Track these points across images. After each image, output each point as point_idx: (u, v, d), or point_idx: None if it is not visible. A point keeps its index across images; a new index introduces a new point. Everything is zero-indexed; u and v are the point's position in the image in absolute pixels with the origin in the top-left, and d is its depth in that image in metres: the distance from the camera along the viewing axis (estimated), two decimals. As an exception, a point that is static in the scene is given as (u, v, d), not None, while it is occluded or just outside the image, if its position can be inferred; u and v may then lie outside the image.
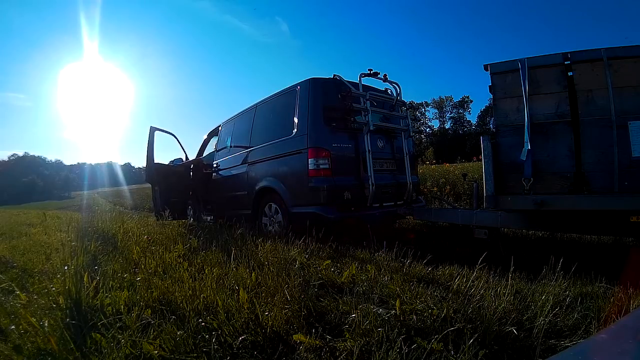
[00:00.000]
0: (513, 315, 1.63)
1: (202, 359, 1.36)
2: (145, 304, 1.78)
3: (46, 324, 1.49)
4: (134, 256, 2.71)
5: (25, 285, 2.18)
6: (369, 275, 2.25)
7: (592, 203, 2.61)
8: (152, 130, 5.62)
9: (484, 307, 1.67)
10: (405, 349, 1.35)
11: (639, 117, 2.53)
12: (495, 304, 1.70)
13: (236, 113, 5.19)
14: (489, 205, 2.91)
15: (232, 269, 2.29)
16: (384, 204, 3.78)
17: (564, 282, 2.06)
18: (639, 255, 2.57)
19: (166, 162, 6.12)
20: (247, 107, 4.86)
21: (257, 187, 4.16)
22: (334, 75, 3.80)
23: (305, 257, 2.75)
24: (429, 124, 67.32)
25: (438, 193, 6.95)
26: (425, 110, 67.49)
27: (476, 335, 1.45)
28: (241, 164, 4.59)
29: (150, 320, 1.58)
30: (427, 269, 2.45)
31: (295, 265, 2.43)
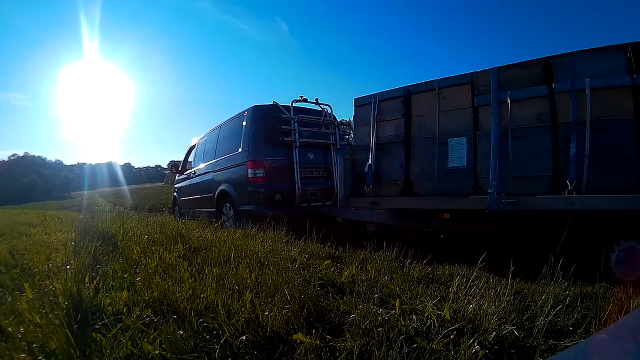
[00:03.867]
0: (513, 315, 1.63)
1: (202, 359, 1.37)
2: (145, 303, 1.78)
3: (47, 324, 1.49)
4: (134, 256, 2.71)
5: (25, 285, 2.18)
6: (369, 275, 2.26)
7: (413, 203, 3.45)
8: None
9: (484, 307, 1.68)
10: (405, 349, 1.35)
11: (456, 135, 3.16)
12: (495, 304, 1.70)
13: (208, 130, 6.23)
14: (342, 204, 3.91)
15: (232, 269, 2.29)
16: (312, 204, 4.59)
17: (564, 282, 2.06)
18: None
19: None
20: (215, 126, 5.95)
21: (217, 191, 5.20)
22: (274, 102, 4.85)
23: (305, 257, 2.75)
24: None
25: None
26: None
27: (476, 335, 1.45)
28: (209, 171, 5.63)
29: (151, 319, 1.59)
30: (427, 269, 2.46)
31: (295, 265, 2.43)
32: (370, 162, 3.57)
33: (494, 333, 1.47)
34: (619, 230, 2.48)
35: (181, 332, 1.47)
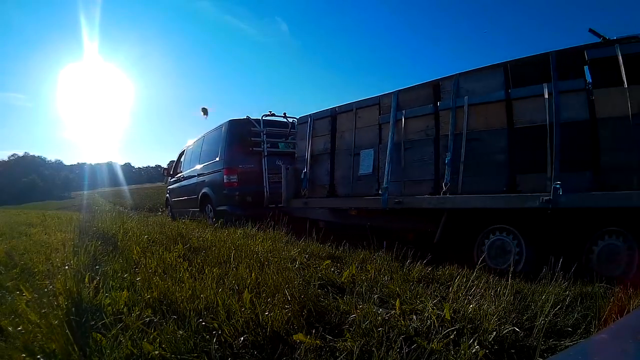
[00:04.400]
0: (513, 315, 1.63)
1: (202, 359, 1.37)
2: (145, 303, 1.78)
3: (46, 324, 1.49)
4: (134, 256, 2.71)
5: (25, 285, 2.18)
6: (369, 275, 2.26)
7: (334, 203, 4.22)
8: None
9: (484, 307, 1.68)
10: (405, 349, 1.35)
11: (366, 148, 3.85)
12: (495, 304, 1.70)
13: (195, 139, 6.96)
14: (285, 204, 4.70)
15: (232, 269, 2.29)
16: (279, 205, 5.02)
17: (564, 282, 2.06)
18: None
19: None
20: (199, 136, 6.67)
21: (201, 193, 5.98)
22: (247, 116, 5.65)
23: (305, 257, 2.75)
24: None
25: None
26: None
27: (476, 335, 1.45)
28: (194, 176, 6.37)
29: (151, 319, 1.58)
30: (428, 269, 2.45)
31: (295, 265, 2.43)
32: (305, 170, 4.42)
33: (494, 333, 1.46)
34: (488, 225, 2.89)
35: (181, 332, 1.47)
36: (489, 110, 2.91)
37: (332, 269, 2.46)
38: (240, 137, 5.41)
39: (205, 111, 5.83)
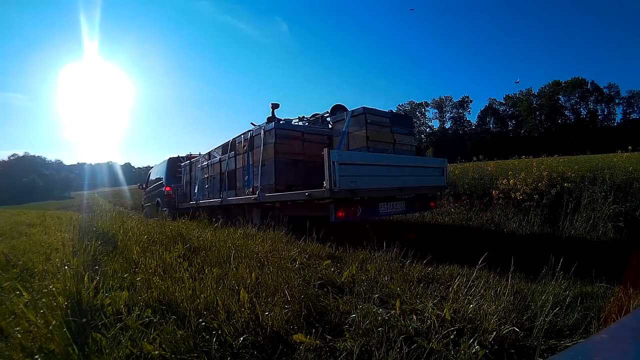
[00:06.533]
0: (513, 315, 1.63)
1: (202, 359, 1.37)
2: (145, 303, 1.78)
3: (46, 324, 1.49)
4: (134, 256, 2.71)
5: (25, 285, 2.18)
6: (369, 275, 2.25)
7: (191, 205, 7.38)
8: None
9: (484, 307, 1.67)
10: (405, 349, 1.35)
11: (198, 179, 7.26)
12: (495, 304, 1.70)
13: (155, 166, 11.11)
14: (178, 206, 8.29)
15: (232, 269, 2.29)
16: (181, 206, 8.31)
17: (564, 282, 2.06)
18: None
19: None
20: (157, 164, 10.80)
21: (156, 200, 9.78)
22: (178, 155, 9.35)
23: (305, 257, 2.75)
24: (429, 124, 67.35)
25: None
26: (425, 110, 67.49)
27: (476, 335, 1.45)
28: (153, 190, 10.27)
29: (151, 319, 1.58)
30: (428, 269, 2.45)
31: (295, 265, 2.43)
32: (183, 191, 8.21)
33: (494, 333, 1.46)
34: (217, 211, 6.35)
35: (181, 332, 1.46)
36: (215, 166, 6.36)
37: (332, 269, 2.45)
38: (173, 168, 8.99)
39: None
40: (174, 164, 8.98)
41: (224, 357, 1.39)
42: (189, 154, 8.91)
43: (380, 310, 1.69)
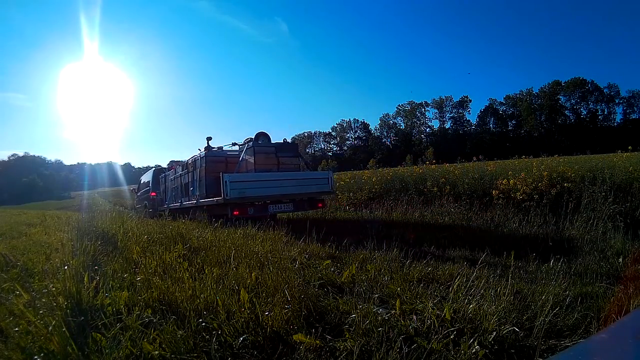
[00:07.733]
0: (513, 315, 1.63)
1: (202, 359, 1.36)
2: (145, 304, 1.77)
3: (45, 324, 1.49)
4: (134, 256, 2.71)
5: (25, 285, 2.18)
6: (369, 275, 2.25)
7: (165, 207, 9.22)
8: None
9: (484, 307, 1.67)
10: (405, 349, 1.35)
11: (174, 187, 8.84)
12: (495, 304, 1.70)
13: (144, 175, 12.96)
14: (157, 209, 9.97)
15: (232, 269, 2.29)
16: (161, 208, 9.66)
17: (564, 282, 2.06)
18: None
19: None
20: (147, 173, 12.63)
21: (144, 202, 11.52)
22: (162, 166, 11.81)
23: (305, 257, 2.75)
24: (429, 124, 67.36)
25: (438, 193, 6.97)
26: (425, 110, 67.49)
27: (476, 335, 1.45)
28: (143, 194, 12.03)
29: (151, 319, 1.58)
30: (428, 269, 2.45)
31: (295, 265, 2.43)
32: (159, 196, 9.92)
33: (494, 333, 1.46)
34: (195, 210, 6.98)
35: (181, 332, 1.46)
36: (177, 179, 8.15)
37: (332, 269, 2.45)
38: (157, 176, 10.56)
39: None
40: (158, 173, 10.94)
41: (224, 357, 1.39)
42: (169, 163, 11.06)
43: (380, 310, 1.69)
